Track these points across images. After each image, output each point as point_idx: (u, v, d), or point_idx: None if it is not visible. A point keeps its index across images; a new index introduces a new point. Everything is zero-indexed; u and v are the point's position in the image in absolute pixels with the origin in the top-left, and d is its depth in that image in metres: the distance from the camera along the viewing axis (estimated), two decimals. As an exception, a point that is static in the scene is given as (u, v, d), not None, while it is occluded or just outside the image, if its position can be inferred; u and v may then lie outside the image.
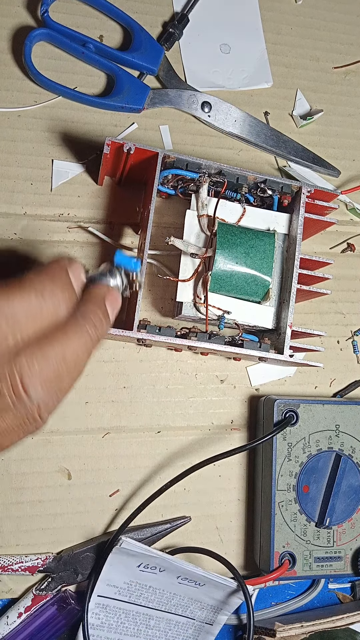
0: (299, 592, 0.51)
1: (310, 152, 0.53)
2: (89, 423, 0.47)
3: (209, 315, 0.43)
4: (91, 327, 0.28)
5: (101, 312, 0.30)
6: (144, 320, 0.46)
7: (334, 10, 0.57)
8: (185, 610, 0.46)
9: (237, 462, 0.50)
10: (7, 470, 0.45)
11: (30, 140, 0.47)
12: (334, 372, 0.53)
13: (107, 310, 0.30)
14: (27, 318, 0.26)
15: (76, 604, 0.45)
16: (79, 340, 0.27)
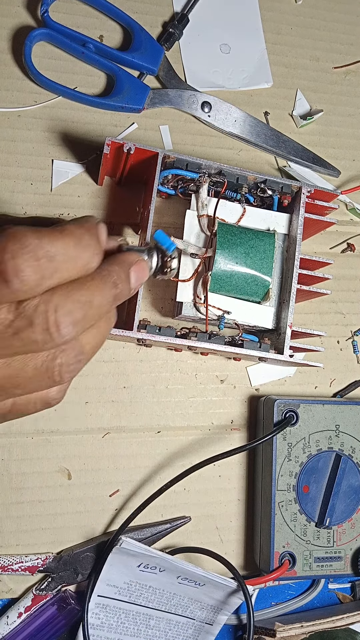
0: (299, 592, 0.51)
1: (310, 152, 0.53)
2: (89, 423, 0.47)
3: (209, 315, 0.43)
4: (112, 285, 0.30)
5: (124, 274, 0.31)
6: (144, 320, 0.46)
7: (334, 10, 0.57)
8: (185, 610, 0.46)
9: (237, 462, 0.50)
10: (7, 470, 0.45)
11: (30, 140, 0.47)
12: (334, 372, 0.53)
13: (129, 275, 0.32)
14: (65, 262, 0.27)
15: (76, 604, 0.45)
16: (102, 291, 0.29)
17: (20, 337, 0.27)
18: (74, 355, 0.30)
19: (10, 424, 0.45)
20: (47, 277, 0.27)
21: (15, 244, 0.26)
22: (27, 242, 0.26)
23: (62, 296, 0.27)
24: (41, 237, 0.27)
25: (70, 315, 0.28)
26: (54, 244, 0.27)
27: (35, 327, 0.27)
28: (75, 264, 0.28)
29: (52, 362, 0.29)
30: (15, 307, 0.27)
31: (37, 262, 0.26)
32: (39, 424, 0.46)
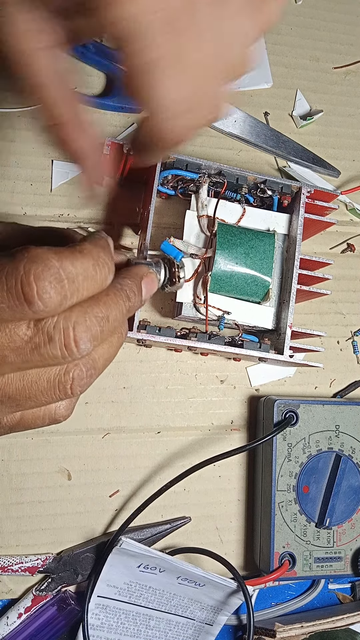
0: (299, 593, 0.51)
1: (310, 152, 0.53)
2: (89, 423, 0.47)
3: (209, 315, 0.43)
4: (125, 299, 0.31)
5: (136, 287, 0.32)
6: (144, 320, 0.46)
7: (334, 10, 0.57)
8: (185, 610, 0.46)
9: (237, 463, 0.50)
10: (7, 471, 0.45)
11: (30, 141, 0.47)
12: (334, 372, 0.53)
13: (141, 287, 0.33)
14: (84, 282, 0.28)
15: (76, 604, 0.45)
16: (117, 305, 0.30)
17: (40, 353, 0.28)
18: (86, 370, 0.30)
19: (10, 424, 0.45)
20: (68, 298, 0.28)
21: (38, 267, 0.26)
22: (50, 264, 0.27)
23: (81, 313, 0.28)
24: (62, 259, 0.27)
25: (88, 331, 0.28)
26: (75, 265, 0.28)
27: (54, 343, 0.28)
28: (94, 282, 0.29)
29: (65, 376, 0.30)
30: (34, 324, 0.28)
31: (59, 285, 0.27)
32: (39, 424, 0.46)
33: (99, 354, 0.31)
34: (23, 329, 0.28)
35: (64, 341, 0.28)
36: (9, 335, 0.28)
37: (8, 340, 0.28)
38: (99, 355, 0.31)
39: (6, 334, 0.28)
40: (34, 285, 0.26)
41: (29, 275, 0.26)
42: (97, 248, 0.29)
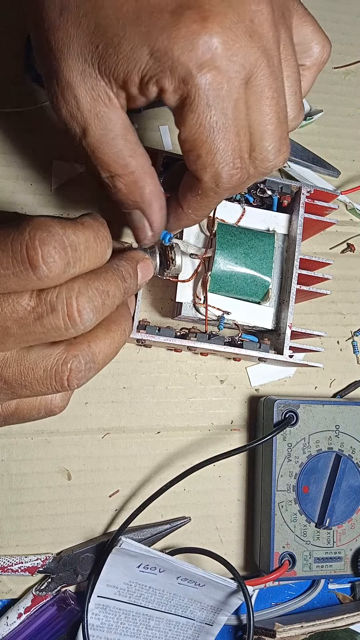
0: (298, 593, 0.51)
1: (310, 152, 0.53)
2: (89, 423, 0.47)
3: (209, 315, 0.43)
4: (122, 279, 0.31)
5: (132, 270, 0.33)
6: (144, 320, 0.46)
7: (334, 10, 0.57)
8: (185, 610, 0.46)
9: (237, 463, 0.50)
10: (7, 471, 0.45)
11: (30, 141, 0.47)
12: (333, 372, 0.53)
13: (137, 271, 0.33)
14: (85, 252, 0.29)
15: (76, 604, 0.45)
16: (116, 282, 0.31)
17: (42, 323, 0.28)
18: (85, 362, 0.30)
19: (10, 424, 0.45)
20: (70, 265, 0.28)
21: (43, 232, 0.27)
22: (54, 230, 0.27)
23: (83, 283, 0.29)
24: (65, 227, 0.28)
25: (90, 302, 0.29)
26: (77, 235, 0.28)
27: (57, 312, 0.28)
28: (94, 254, 0.29)
29: (62, 366, 0.30)
30: (37, 294, 0.28)
31: (63, 250, 0.27)
32: (39, 424, 0.46)
33: (100, 348, 0.31)
34: (26, 298, 0.28)
35: (67, 311, 0.28)
36: (12, 305, 0.28)
37: (11, 311, 0.28)
38: (99, 350, 0.31)
39: (9, 304, 0.28)
40: (39, 250, 0.27)
41: (34, 240, 0.27)
42: (97, 222, 0.30)
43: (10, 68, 0.48)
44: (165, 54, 0.28)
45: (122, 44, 0.29)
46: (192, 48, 0.28)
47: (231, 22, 0.28)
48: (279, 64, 0.31)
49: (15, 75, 0.48)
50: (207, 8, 0.28)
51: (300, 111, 0.34)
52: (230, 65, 0.28)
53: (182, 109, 0.29)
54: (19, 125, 0.47)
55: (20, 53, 0.47)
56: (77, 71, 0.30)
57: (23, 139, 0.47)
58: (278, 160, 0.32)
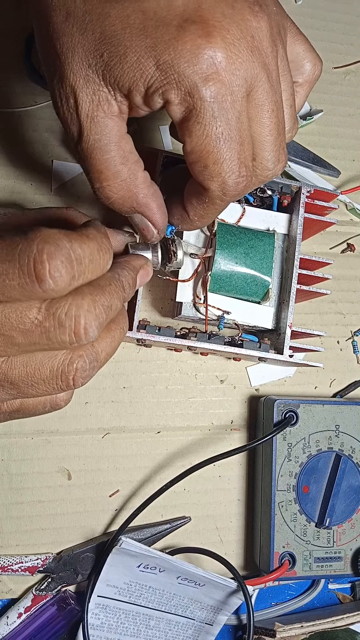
0: (299, 593, 0.51)
1: (310, 152, 0.53)
2: (89, 423, 0.47)
3: (209, 315, 0.43)
4: (122, 290, 0.32)
5: (132, 280, 0.34)
6: (144, 320, 0.46)
7: (334, 10, 0.57)
8: (185, 610, 0.46)
9: (237, 463, 0.50)
10: (7, 471, 0.45)
11: (30, 141, 0.47)
12: (333, 372, 0.53)
13: (136, 280, 0.34)
14: (90, 264, 0.29)
15: (76, 604, 0.45)
16: (118, 295, 0.31)
17: (48, 337, 0.29)
18: (89, 362, 0.31)
19: (10, 424, 0.45)
20: (75, 279, 0.28)
21: (51, 246, 0.27)
22: (61, 244, 0.28)
23: (90, 301, 0.29)
24: (72, 241, 0.28)
25: (97, 319, 0.29)
26: (83, 248, 0.29)
27: (64, 329, 0.28)
28: (97, 266, 0.30)
29: (68, 367, 0.30)
30: (45, 308, 0.28)
31: (70, 265, 0.28)
32: (39, 424, 0.46)
33: (102, 347, 0.32)
34: (34, 312, 0.28)
35: (74, 328, 0.28)
36: (19, 316, 0.28)
37: (18, 322, 0.28)
38: (102, 349, 0.32)
39: (17, 315, 0.28)
40: (46, 264, 0.27)
41: (41, 253, 0.27)
42: (100, 234, 0.30)
43: (10, 68, 0.48)
44: (171, 67, 0.29)
45: (127, 54, 0.29)
46: (197, 61, 0.29)
47: (234, 38, 0.29)
48: (277, 78, 0.32)
49: (15, 75, 0.48)
50: (212, 24, 0.29)
51: (295, 123, 0.36)
52: (233, 79, 0.30)
53: (187, 121, 0.30)
54: (19, 125, 0.47)
55: (20, 53, 0.47)
56: (81, 76, 0.31)
57: (23, 139, 0.47)
58: (277, 169, 0.34)
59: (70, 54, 0.31)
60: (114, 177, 0.33)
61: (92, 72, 0.31)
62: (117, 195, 0.34)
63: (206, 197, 0.33)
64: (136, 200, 0.35)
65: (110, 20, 0.29)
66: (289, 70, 0.34)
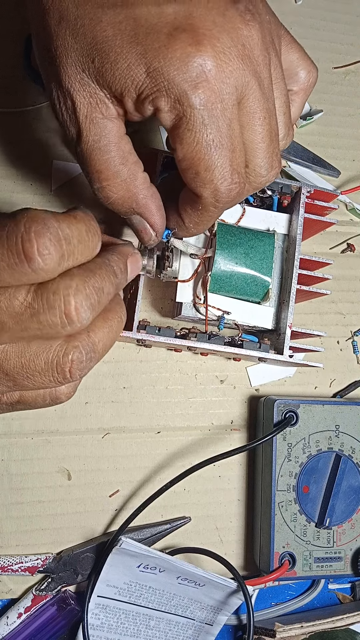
0: (298, 593, 0.51)
1: (310, 152, 0.53)
2: (89, 423, 0.47)
3: (209, 315, 0.43)
4: (113, 274, 0.32)
5: (122, 265, 0.33)
6: (144, 320, 0.46)
7: (334, 10, 0.57)
8: (185, 610, 0.46)
9: (237, 463, 0.50)
10: (7, 471, 0.45)
11: (30, 141, 0.47)
12: (333, 372, 0.53)
13: (127, 265, 0.34)
14: (78, 245, 0.29)
15: (76, 604, 0.45)
16: (109, 279, 0.31)
17: (39, 320, 0.28)
18: (85, 353, 0.30)
19: (10, 423, 0.45)
20: (65, 258, 0.28)
21: (39, 225, 0.27)
22: (49, 223, 0.28)
23: (80, 281, 0.29)
24: (60, 221, 0.28)
25: (87, 300, 0.29)
26: (71, 228, 0.29)
27: (54, 310, 0.28)
28: (86, 247, 0.29)
29: (64, 358, 0.30)
30: (34, 290, 0.28)
31: (58, 243, 0.28)
32: (39, 424, 0.46)
33: (99, 337, 0.31)
34: (23, 293, 0.28)
35: (64, 309, 0.28)
36: (8, 299, 0.28)
37: (7, 305, 0.28)
38: (99, 339, 0.31)
39: (6, 298, 0.28)
40: (34, 242, 0.27)
41: (29, 232, 0.27)
42: (88, 217, 0.30)
43: (10, 68, 0.48)
44: (160, 74, 0.29)
45: (118, 60, 0.29)
46: (187, 69, 0.29)
47: (224, 46, 0.29)
48: (269, 85, 0.33)
49: (15, 75, 0.48)
50: (202, 32, 0.29)
51: (290, 130, 0.36)
52: (223, 87, 0.30)
53: (178, 128, 0.30)
54: (18, 125, 0.47)
55: (20, 53, 0.47)
56: (76, 79, 0.31)
57: (23, 139, 0.47)
58: (270, 176, 0.34)
59: (64, 57, 0.31)
60: (114, 177, 0.33)
61: (86, 76, 0.31)
62: (117, 196, 0.34)
63: (199, 205, 0.33)
64: (135, 201, 0.35)
65: (101, 26, 0.29)
66: (283, 78, 0.35)
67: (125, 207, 0.35)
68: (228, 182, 0.32)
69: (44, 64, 0.32)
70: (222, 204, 0.33)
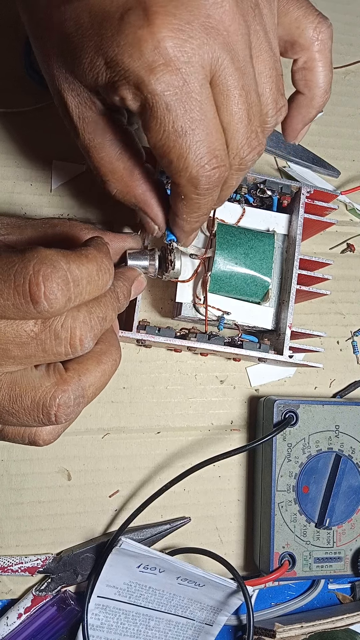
0: (298, 593, 0.51)
1: (310, 152, 0.53)
2: (89, 424, 0.47)
3: (209, 315, 0.43)
4: (117, 300, 0.32)
5: (127, 290, 0.34)
6: (144, 321, 0.46)
7: (333, 10, 0.57)
8: (185, 610, 0.46)
9: (236, 463, 0.50)
10: (7, 471, 0.45)
11: (30, 141, 0.47)
12: (333, 372, 0.53)
13: (130, 291, 0.35)
14: (88, 285, 0.29)
15: (76, 604, 0.45)
16: (113, 306, 0.31)
17: (44, 349, 0.29)
18: (74, 397, 0.30)
19: (10, 424, 0.45)
20: (72, 300, 0.28)
21: (47, 268, 0.27)
22: (58, 266, 0.27)
23: (86, 313, 0.29)
24: (70, 262, 0.28)
25: (92, 331, 0.29)
26: (81, 269, 0.28)
27: (60, 341, 0.28)
28: (96, 287, 0.29)
29: (51, 400, 0.30)
30: (42, 321, 0.28)
31: (66, 287, 0.27)
32: (39, 424, 0.46)
33: (90, 381, 0.31)
34: (30, 325, 0.28)
35: (70, 340, 0.28)
36: (15, 330, 0.28)
37: (14, 335, 0.28)
38: (90, 383, 0.31)
39: (13, 329, 0.28)
40: (42, 286, 0.27)
41: (37, 275, 0.27)
42: (101, 254, 0.30)
43: (10, 68, 0.47)
44: (116, 63, 0.27)
45: (81, 55, 0.28)
46: (141, 54, 0.26)
47: (182, 22, 0.27)
48: (246, 58, 0.29)
49: (15, 76, 0.48)
50: (154, 10, 0.26)
51: (279, 108, 0.33)
52: (185, 67, 0.27)
53: (144, 116, 0.29)
54: (19, 125, 0.47)
55: (20, 53, 0.47)
56: (63, 79, 0.31)
57: (23, 139, 0.47)
58: (252, 156, 0.31)
59: (49, 58, 0.30)
60: (111, 174, 0.33)
61: (69, 74, 0.30)
62: (117, 190, 0.34)
63: (181, 194, 0.31)
64: (134, 196, 0.34)
65: (67, 24, 0.29)
66: (270, 49, 0.31)
67: (127, 200, 0.35)
68: (205, 169, 0.29)
69: (41, 65, 0.32)
70: (204, 191, 0.31)
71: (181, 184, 0.30)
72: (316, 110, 0.38)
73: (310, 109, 0.38)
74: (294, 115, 0.39)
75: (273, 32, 0.31)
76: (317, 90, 0.37)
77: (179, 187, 0.31)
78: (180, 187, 0.31)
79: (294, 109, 0.38)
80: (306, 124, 0.39)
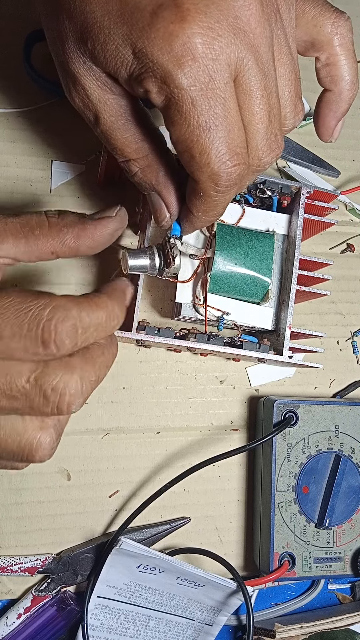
0: (298, 593, 0.51)
1: (309, 152, 0.53)
2: (89, 424, 0.47)
3: (208, 316, 0.43)
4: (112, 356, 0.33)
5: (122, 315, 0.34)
6: (143, 321, 0.46)
7: (333, 10, 0.57)
8: (184, 611, 0.46)
9: (236, 463, 0.50)
10: (7, 471, 0.45)
11: (29, 141, 0.47)
12: (333, 372, 0.53)
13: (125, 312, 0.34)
14: (94, 332, 0.30)
15: (76, 604, 0.45)
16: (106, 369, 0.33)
17: (31, 406, 0.30)
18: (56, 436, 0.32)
19: (10, 424, 0.45)
20: (77, 345, 0.29)
21: (61, 316, 0.28)
22: (70, 314, 0.29)
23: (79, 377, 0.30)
24: (82, 309, 0.29)
25: (82, 396, 0.30)
26: (90, 317, 0.30)
27: (48, 402, 0.29)
28: (102, 332, 0.31)
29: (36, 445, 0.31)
30: (34, 378, 0.29)
31: (75, 334, 0.29)
32: (39, 424, 0.46)
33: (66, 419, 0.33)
34: (22, 380, 0.29)
35: (58, 403, 0.29)
36: (8, 383, 0.29)
37: (6, 387, 0.29)
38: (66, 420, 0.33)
39: (6, 381, 0.29)
40: (53, 333, 0.28)
41: (51, 321, 0.28)
42: (113, 301, 0.31)
43: (10, 68, 0.48)
44: (145, 55, 0.28)
45: (107, 42, 0.29)
46: (171, 49, 0.27)
47: (212, 21, 0.28)
48: (269, 61, 0.30)
49: (15, 75, 0.48)
50: (186, 7, 0.27)
51: (297, 112, 0.34)
52: (213, 64, 0.28)
53: (168, 110, 0.29)
54: (19, 125, 0.47)
55: (20, 53, 0.47)
56: (80, 64, 0.31)
57: (23, 139, 0.47)
58: (270, 158, 0.32)
59: (66, 43, 0.31)
60: (137, 153, 0.33)
61: (87, 59, 0.30)
62: (140, 169, 0.34)
63: (200, 191, 0.31)
64: (156, 178, 0.34)
65: (91, 7, 0.29)
66: (290, 53, 0.32)
67: (146, 181, 0.35)
68: (226, 165, 0.30)
69: (54, 51, 0.32)
70: (224, 188, 0.31)
71: (201, 180, 0.31)
72: (347, 103, 0.38)
73: (341, 104, 0.38)
74: (325, 113, 0.39)
75: (292, 37, 0.32)
76: (344, 84, 0.37)
77: (198, 184, 0.31)
78: (200, 183, 0.31)
79: (324, 107, 0.39)
80: (339, 120, 0.39)
